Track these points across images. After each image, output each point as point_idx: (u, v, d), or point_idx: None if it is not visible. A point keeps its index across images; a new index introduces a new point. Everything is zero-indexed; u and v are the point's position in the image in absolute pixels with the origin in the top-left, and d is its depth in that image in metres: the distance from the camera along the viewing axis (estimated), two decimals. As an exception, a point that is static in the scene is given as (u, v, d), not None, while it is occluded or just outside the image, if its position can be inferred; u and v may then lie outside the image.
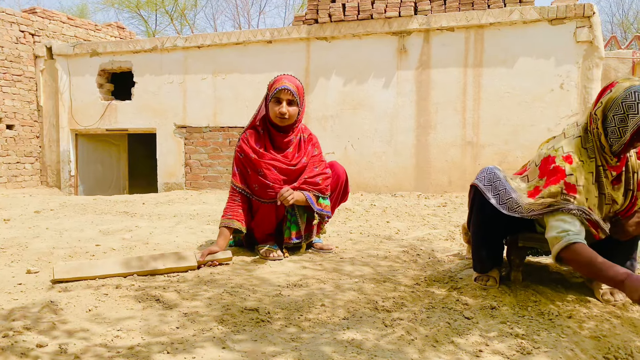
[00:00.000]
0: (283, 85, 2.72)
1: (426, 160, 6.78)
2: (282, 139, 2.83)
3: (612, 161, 2.02)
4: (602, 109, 1.97)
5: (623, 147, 1.96)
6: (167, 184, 8.13)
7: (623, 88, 1.91)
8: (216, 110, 7.82)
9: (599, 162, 2.02)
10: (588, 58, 6.07)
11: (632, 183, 2.08)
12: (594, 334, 1.79)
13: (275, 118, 2.76)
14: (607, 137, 1.97)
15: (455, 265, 2.73)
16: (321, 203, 2.86)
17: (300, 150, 2.88)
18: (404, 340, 1.67)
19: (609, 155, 2.00)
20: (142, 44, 8.16)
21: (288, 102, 2.74)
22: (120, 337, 1.65)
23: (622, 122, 1.91)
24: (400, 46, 6.80)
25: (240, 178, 2.81)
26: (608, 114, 1.95)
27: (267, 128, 2.85)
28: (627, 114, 1.88)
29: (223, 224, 2.74)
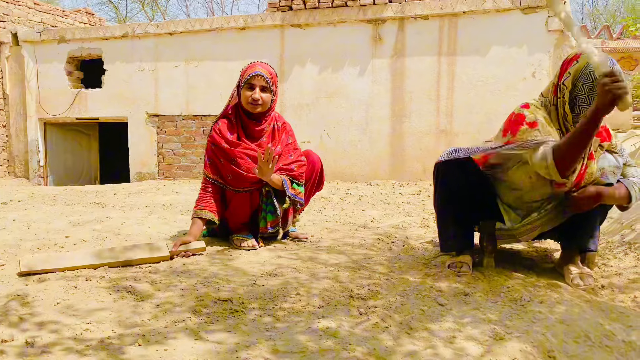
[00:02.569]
0: (256, 71, 2.68)
1: (401, 149, 6.81)
2: (255, 127, 2.79)
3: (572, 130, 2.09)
4: (572, 79, 2.06)
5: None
6: (139, 174, 7.99)
7: (584, 60, 2.00)
8: (189, 98, 7.70)
9: (557, 127, 2.14)
10: (559, 47, 6.15)
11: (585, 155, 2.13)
12: (565, 319, 1.83)
13: (248, 105, 2.71)
14: (573, 106, 2.08)
15: (429, 253, 2.75)
16: (295, 188, 2.83)
17: (275, 139, 2.84)
18: (378, 327, 1.68)
19: (570, 123, 2.10)
20: (112, 30, 7.97)
21: (261, 88, 2.70)
22: (91, 330, 1.62)
23: (590, 90, 2.01)
24: (375, 34, 6.79)
25: (212, 168, 2.77)
26: (577, 83, 2.05)
27: (240, 116, 2.80)
28: (595, 82, 1.96)
29: (195, 215, 2.70)
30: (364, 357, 1.44)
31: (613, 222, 3.10)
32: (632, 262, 2.43)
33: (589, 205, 2.13)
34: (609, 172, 2.15)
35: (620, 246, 2.68)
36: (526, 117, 2.12)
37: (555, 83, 2.14)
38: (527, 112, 2.13)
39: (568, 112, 2.10)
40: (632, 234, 2.76)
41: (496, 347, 1.55)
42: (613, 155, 2.18)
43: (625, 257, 2.52)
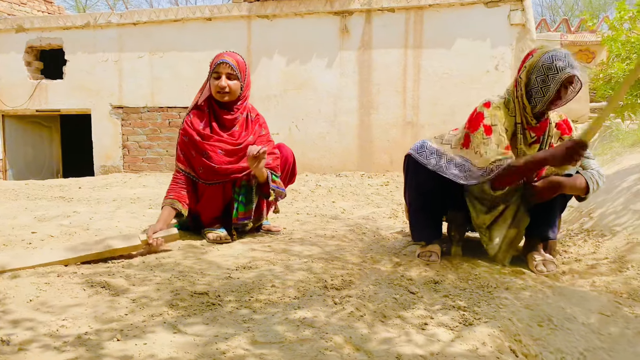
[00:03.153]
0: (221, 59, 2.69)
1: (369, 141, 6.88)
2: (227, 116, 2.78)
3: (532, 121, 2.26)
4: (526, 73, 2.21)
5: (546, 105, 2.20)
6: (104, 167, 7.84)
7: (543, 52, 2.17)
8: (154, 89, 7.57)
9: (518, 120, 2.28)
10: (521, 40, 6.32)
11: (545, 144, 2.30)
12: (529, 304, 1.92)
13: (216, 94, 2.72)
14: (530, 98, 2.22)
15: (399, 242, 2.82)
16: (275, 180, 2.85)
17: (247, 129, 2.85)
18: (353, 316, 1.72)
19: (529, 115, 2.25)
20: (73, 19, 7.75)
21: (227, 75, 2.69)
22: (67, 327, 1.61)
23: (543, 82, 2.16)
24: (342, 26, 6.82)
25: (184, 161, 2.76)
26: (531, 76, 2.19)
27: (212, 106, 2.80)
28: (547, 74, 2.14)
29: (165, 204, 2.69)
30: (342, 345, 1.48)
31: (573, 210, 3.24)
32: (590, 249, 2.56)
33: (549, 194, 2.23)
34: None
35: (580, 233, 2.81)
36: (485, 118, 2.25)
37: (515, 77, 2.28)
38: (487, 112, 2.26)
39: (526, 104, 2.23)
40: (591, 221, 2.89)
41: (466, 332, 1.62)
42: None
43: (585, 244, 2.65)
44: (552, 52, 2.16)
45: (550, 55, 2.15)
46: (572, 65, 2.13)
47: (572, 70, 2.13)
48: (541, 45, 2.24)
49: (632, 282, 2.12)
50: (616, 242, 2.49)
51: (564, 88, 2.18)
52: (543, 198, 2.25)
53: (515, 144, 2.30)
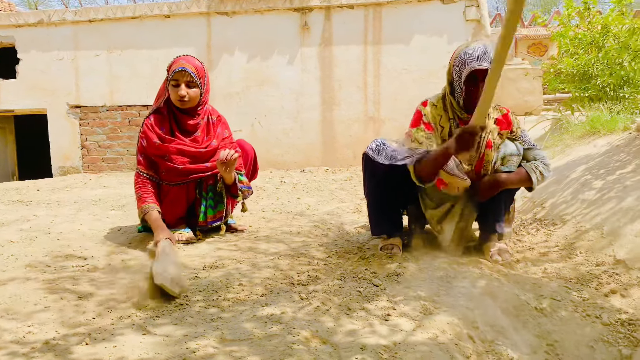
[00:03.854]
0: (180, 67, 2.63)
1: (332, 136, 6.96)
2: (188, 121, 2.77)
3: (463, 115, 2.35)
4: (448, 70, 2.32)
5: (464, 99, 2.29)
6: (62, 168, 7.65)
7: (460, 49, 2.27)
8: (113, 88, 7.43)
9: (451, 115, 2.37)
10: (476, 35, 6.49)
11: (482, 140, 2.35)
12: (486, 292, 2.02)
13: (176, 102, 2.69)
14: (453, 93, 2.32)
15: (362, 237, 2.89)
16: (242, 180, 2.87)
17: (210, 132, 2.84)
18: (319, 310, 1.78)
19: (459, 110, 2.34)
20: (25, 17, 7.51)
21: (187, 84, 2.65)
22: (34, 333, 1.61)
23: (459, 77, 2.24)
24: (302, 23, 6.85)
25: (146, 164, 2.73)
26: (452, 72, 2.29)
27: (172, 111, 2.77)
28: (461, 70, 2.22)
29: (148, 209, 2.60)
30: (308, 339, 1.54)
31: (527, 201, 3.39)
32: (543, 237, 2.69)
33: (491, 193, 2.34)
34: (508, 160, 2.35)
35: (533, 223, 2.94)
36: (423, 115, 2.38)
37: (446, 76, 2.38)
38: (424, 110, 2.40)
39: (452, 100, 2.34)
40: (543, 211, 3.04)
41: (426, 321, 1.70)
42: (514, 142, 2.39)
43: (537, 232, 2.78)
44: (468, 48, 2.21)
45: (465, 51, 2.21)
46: (484, 58, 2.15)
47: (479, 63, 2.15)
48: (464, 43, 2.30)
49: (580, 267, 2.25)
50: (566, 230, 2.63)
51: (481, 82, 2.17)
52: (485, 196, 2.36)
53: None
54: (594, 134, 3.78)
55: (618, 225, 2.37)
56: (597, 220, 2.51)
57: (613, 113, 3.96)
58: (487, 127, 2.38)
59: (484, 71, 2.16)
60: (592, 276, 2.16)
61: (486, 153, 2.35)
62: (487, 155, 2.35)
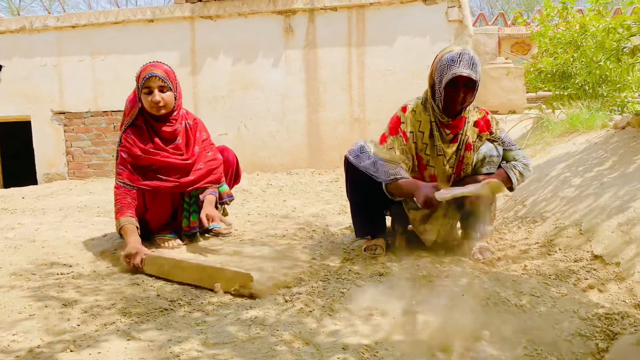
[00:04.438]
0: (150, 73, 2.58)
1: (318, 138, 6.98)
2: (166, 128, 2.71)
3: (444, 119, 2.37)
4: (430, 74, 2.35)
5: (444, 104, 2.31)
6: (47, 175, 7.60)
7: (442, 54, 2.28)
8: (97, 93, 7.40)
9: (432, 119, 2.39)
10: (459, 36, 6.56)
11: (462, 144, 2.42)
12: (467, 289, 2.06)
13: (151, 109, 2.62)
14: (434, 97, 2.34)
15: (347, 238, 2.92)
16: (222, 192, 2.87)
17: (190, 139, 2.79)
18: (303, 312, 1.81)
19: (439, 113, 2.36)
20: (6, 23, 7.45)
21: (159, 88, 2.60)
22: (18, 341, 1.62)
23: (440, 82, 2.27)
24: (286, 25, 6.87)
25: (128, 175, 2.66)
26: (434, 77, 2.31)
27: (148, 121, 2.70)
28: (442, 75, 2.24)
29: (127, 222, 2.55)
30: (291, 340, 1.57)
31: (508, 199, 3.44)
32: (523, 235, 2.74)
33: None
34: (488, 162, 2.40)
35: (514, 221, 2.99)
36: (401, 123, 2.43)
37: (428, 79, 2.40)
38: (403, 116, 2.44)
39: (433, 104, 2.37)
40: (524, 209, 3.09)
41: (407, 320, 1.74)
42: (493, 144, 2.44)
43: (518, 230, 2.83)
44: (450, 54, 2.22)
45: (447, 56, 2.22)
46: (465, 65, 2.17)
47: (460, 69, 2.17)
48: (446, 48, 2.32)
49: (559, 264, 2.30)
50: (546, 227, 2.68)
51: (462, 87, 2.24)
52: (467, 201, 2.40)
53: (433, 141, 2.41)
54: (574, 132, 3.85)
55: (595, 221, 2.42)
56: (576, 217, 2.56)
57: (592, 111, 4.04)
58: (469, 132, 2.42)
59: (464, 77, 2.21)
60: (571, 272, 2.21)
61: (465, 155, 2.39)
62: (466, 158, 2.39)
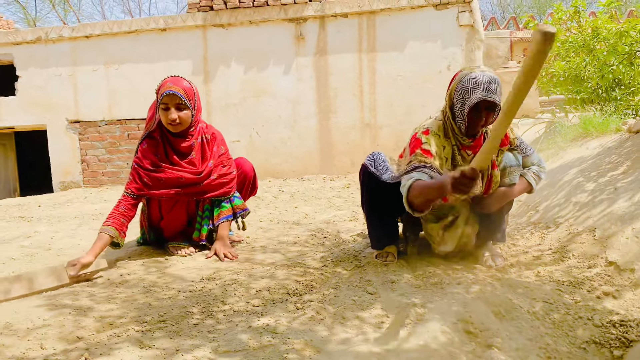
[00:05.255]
0: (168, 91, 2.56)
1: (329, 144, 7.00)
2: (182, 143, 2.71)
3: (465, 141, 2.31)
4: (449, 95, 2.27)
5: (467, 128, 2.24)
6: (63, 183, 7.70)
7: (462, 75, 2.21)
8: (111, 102, 7.49)
9: (453, 142, 2.32)
10: (470, 41, 6.54)
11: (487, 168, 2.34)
12: (479, 297, 2.04)
13: (168, 125, 2.64)
14: (454, 120, 2.27)
15: (358, 245, 2.92)
16: (237, 206, 2.88)
17: (205, 153, 2.78)
18: (314, 320, 1.81)
19: (460, 135, 2.29)
20: (23, 34, 7.58)
21: (177, 106, 2.59)
22: (33, 349, 1.65)
23: (462, 105, 2.20)
24: (297, 33, 6.91)
25: (134, 184, 2.66)
26: (453, 99, 2.24)
27: (165, 134, 2.72)
28: (464, 97, 2.17)
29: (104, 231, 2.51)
30: (302, 348, 1.57)
31: (521, 204, 3.42)
32: (536, 241, 2.72)
33: (496, 206, 2.37)
34: (509, 172, 2.38)
35: (527, 227, 2.97)
36: (422, 144, 2.27)
37: (445, 99, 2.33)
38: (425, 138, 2.29)
39: (454, 126, 2.28)
40: (537, 214, 3.06)
41: (419, 328, 1.73)
42: (513, 153, 2.42)
43: (531, 236, 2.81)
44: (471, 75, 2.16)
45: (468, 77, 2.16)
46: (488, 88, 2.11)
47: (484, 94, 2.12)
48: (466, 67, 2.26)
49: (572, 270, 2.28)
50: (559, 233, 2.66)
51: (485, 110, 2.19)
52: (492, 209, 2.39)
53: (456, 165, 2.33)
54: (587, 136, 3.81)
55: (610, 227, 2.39)
56: (589, 223, 2.54)
57: (605, 115, 4.00)
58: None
59: (488, 101, 2.14)
60: (585, 279, 2.19)
61: (493, 174, 2.36)
62: (494, 177, 2.36)
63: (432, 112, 6.55)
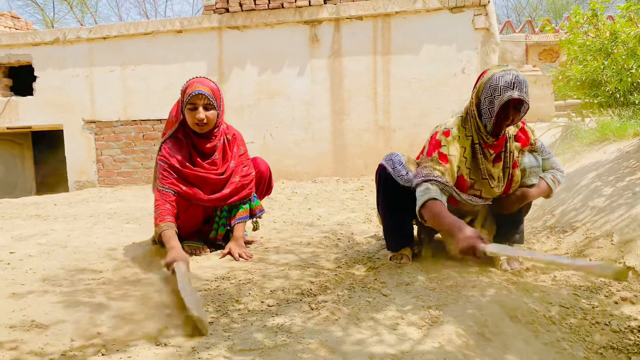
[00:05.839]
0: (197, 90, 2.58)
1: (343, 146, 7.00)
2: (206, 144, 2.73)
3: (488, 140, 2.29)
4: (476, 93, 2.26)
5: (494, 126, 2.23)
6: (78, 182, 7.79)
7: (491, 74, 2.20)
8: (127, 103, 7.57)
9: (476, 140, 2.30)
10: (485, 44, 6.51)
11: (508, 160, 2.36)
12: (495, 300, 2.03)
13: (194, 126, 2.65)
14: (481, 118, 2.25)
15: (372, 247, 2.92)
16: (254, 207, 2.91)
17: (227, 154, 2.81)
18: (328, 320, 1.81)
19: (485, 134, 2.27)
20: (42, 35, 7.69)
21: (204, 106, 2.62)
22: (51, 344, 1.66)
23: (490, 103, 2.19)
24: (312, 35, 6.93)
25: (171, 180, 2.68)
26: (481, 97, 2.23)
27: (189, 135, 2.74)
28: (493, 95, 2.17)
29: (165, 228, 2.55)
30: (316, 348, 1.57)
31: (537, 208, 3.39)
32: (553, 245, 2.70)
33: (516, 207, 2.37)
34: (530, 173, 2.38)
35: (543, 230, 2.95)
36: (441, 146, 2.27)
37: (471, 96, 2.32)
38: (444, 140, 2.28)
39: (480, 124, 2.27)
40: (553, 219, 3.04)
41: (434, 330, 1.73)
42: (533, 154, 2.41)
43: (547, 240, 2.79)
44: (500, 73, 2.16)
45: (497, 76, 2.16)
46: (519, 87, 2.12)
47: (515, 92, 2.12)
48: (495, 65, 2.25)
49: (590, 275, 2.25)
50: (576, 237, 2.63)
51: (512, 109, 2.18)
52: (511, 210, 2.38)
53: (477, 164, 2.32)
54: (604, 141, 3.77)
55: (628, 232, 2.37)
56: (607, 228, 2.51)
57: (623, 119, 3.96)
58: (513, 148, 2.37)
59: (518, 100, 2.15)
60: (602, 284, 2.16)
61: (514, 174, 2.36)
62: (515, 176, 2.36)
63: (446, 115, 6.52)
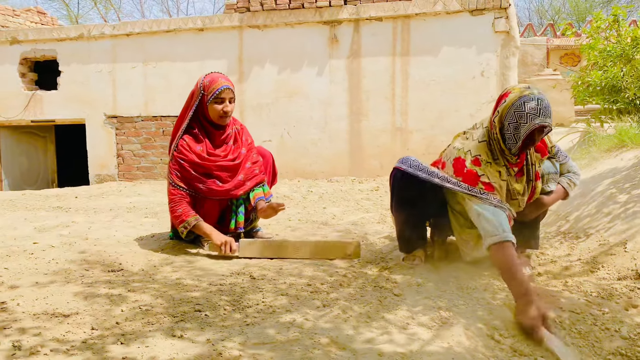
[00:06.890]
0: (225, 85, 2.79)
1: (359, 146, 7.03)
2: (220, 135, 2.91)
3: (512, 160, 2.25)
4: (499, 118, 2.19)
5: (519, 150, 2.19)
6: (98, 176, 7.94)
7: (515, 98, 2.13)
8: (148, 99, 7.69)
9: (502, 163, 2.24)
10: (505, 47, 6.48)
11: (531, 173, 2.35)
12: (505, 303, 2.05)
13: (219, 118, 2.83)
14: (505, 143, 2.20)
15: (386, 247, 2.95)
16: (266, 192, 2.99)
17: (237, 141, 2.99)
18: (340, 318, 1.85)
19: (509, 156, 2.23)
20: (66, 31, 7.85)
21: (230, 100, 2.83)
22: (73, 332, 1.73)
23: (516, 129, 2.13)
24: (331, 35, 6.97)
25: (183, 181, 2.82)
26: (504, 122, 2.17)
27: (204, 127, 2.89)
28: (519, 122, 2.11)
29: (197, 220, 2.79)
30: (327, 345, 1.61)
31: (552, 214, 3.39)
32: (566, 251, 2.70)
33: (534, 214, 2.39)
34: (547, 179, 2.40)
35: (557, 236, 2.95)
36: (480, 177, 2.19)
37: (491, 119, 2.26)
38: (479, 170, 2.20)
39: (504, 148, 2.21)
40: (567, 224, 3.04)
41: (443, 331, 1.76)
42: (550, 160, 2.43)
43: (561, 245, 2.79)
44: (523, 98, 2.10)
45: (522, 101, 2.10)
46: (544, 114, 2.08)
47: (542, 120, 2.08)
48: (515, 87, 2.19)
49: (602, 282, 2.26)
50: (589, 244, 2.64)
51: (537, 132, 2.14)
52: (529, 218, 2.41)
53: (508, 186, 2.29)
54: (622, 147, 3.75)
55: (642, 239, 2.37)
56: (621, 235, 2.51)
57: (642, 126, 3.93)
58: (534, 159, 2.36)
59: (545, 127, 2.11)
60: (614, 290, 2.17)
61: (536, 185, 2.38)
62: (537, 188, 2.38)
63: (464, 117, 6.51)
